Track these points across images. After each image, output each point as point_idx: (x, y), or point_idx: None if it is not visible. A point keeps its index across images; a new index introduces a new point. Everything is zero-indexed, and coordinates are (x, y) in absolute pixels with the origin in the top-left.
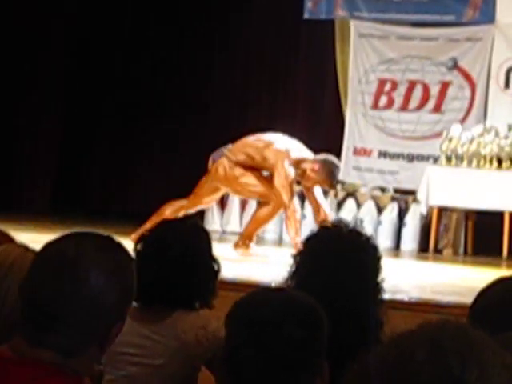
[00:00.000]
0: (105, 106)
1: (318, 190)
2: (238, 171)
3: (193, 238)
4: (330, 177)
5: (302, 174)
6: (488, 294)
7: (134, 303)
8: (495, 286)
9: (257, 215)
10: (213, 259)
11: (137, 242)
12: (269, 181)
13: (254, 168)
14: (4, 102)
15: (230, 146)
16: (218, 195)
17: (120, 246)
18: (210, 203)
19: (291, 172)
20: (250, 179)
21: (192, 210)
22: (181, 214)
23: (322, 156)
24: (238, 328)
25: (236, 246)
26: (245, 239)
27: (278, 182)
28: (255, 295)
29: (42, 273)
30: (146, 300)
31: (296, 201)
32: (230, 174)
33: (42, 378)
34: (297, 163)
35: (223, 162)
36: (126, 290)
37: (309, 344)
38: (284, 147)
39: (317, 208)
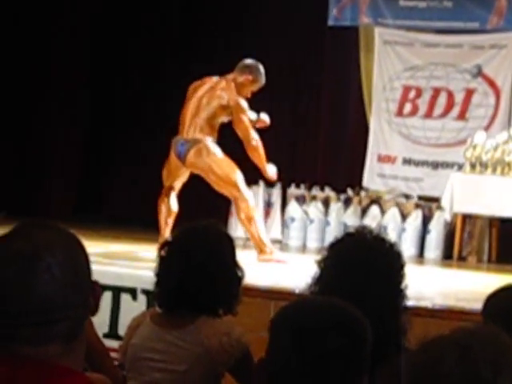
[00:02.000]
0: (129, 114)
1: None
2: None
3: (216, 244)
4: (261, 76)
5: (241, 90)
6: (494, 301)
7: (158, 309)
8: (502, 292)
9: (242, 216)
10: (236, 265)
11: (161, 248)
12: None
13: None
14: (27, 110)
15: (178, 137)
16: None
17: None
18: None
19: (245, 104)
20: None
21: (175, 193)
22: (173, 202)
23: (241, 66)
24: (282, 335)
25: (259, 253)
26: (260, 245)
27: (243, 119)
28: (301, 303)
29: (16, 282)
30: (170, 306)
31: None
32: (209, 152)
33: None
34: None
35: (200, 145)
36: (83, 247)
37: (353, 356)
38: (221, 87)
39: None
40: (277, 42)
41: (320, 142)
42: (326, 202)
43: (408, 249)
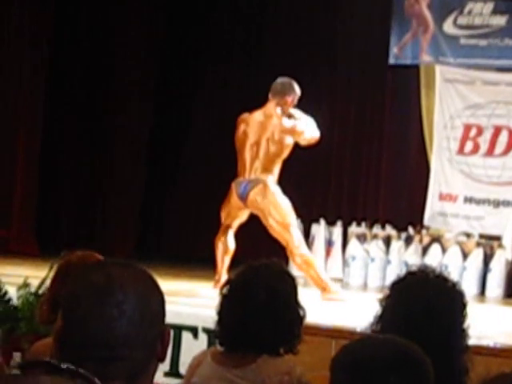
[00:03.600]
0: (192, 154)
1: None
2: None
3: (279, 282)
4: (297, 88)
5: (286, 109)
6: None
7: (219, 347)
8: None
9: (298, 261)
10: (298, 304)
11: (222, 287)
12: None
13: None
14: (91, 150)
15: (241, 179)
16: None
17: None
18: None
19: (302, 126)
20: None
21: (232, 231)
22: (230, 240)
23: (279, 90)
24: (343, 375)
25: (323, 292)
26: (321, 284)
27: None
28: (363, 341)
29: (85, 313)
30: (231, 345)
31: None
32: (270, 191)
33: None
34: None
35: (262, 185)
36: (161, 293)
37: None
38: (275, 126)
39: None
40: (337, 80)
41: (381, 180)
42: (387, 241)
43: (469, 287)
